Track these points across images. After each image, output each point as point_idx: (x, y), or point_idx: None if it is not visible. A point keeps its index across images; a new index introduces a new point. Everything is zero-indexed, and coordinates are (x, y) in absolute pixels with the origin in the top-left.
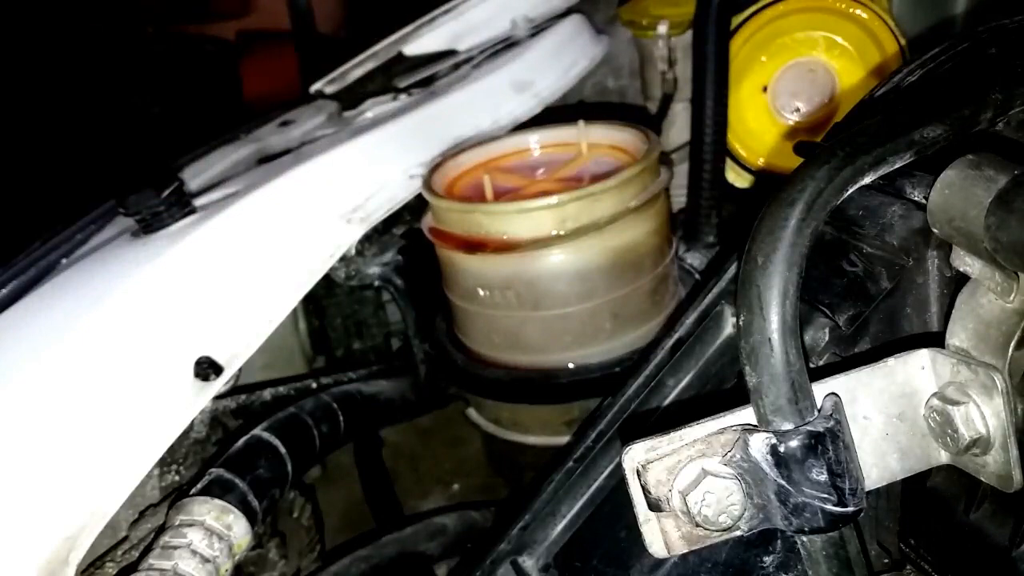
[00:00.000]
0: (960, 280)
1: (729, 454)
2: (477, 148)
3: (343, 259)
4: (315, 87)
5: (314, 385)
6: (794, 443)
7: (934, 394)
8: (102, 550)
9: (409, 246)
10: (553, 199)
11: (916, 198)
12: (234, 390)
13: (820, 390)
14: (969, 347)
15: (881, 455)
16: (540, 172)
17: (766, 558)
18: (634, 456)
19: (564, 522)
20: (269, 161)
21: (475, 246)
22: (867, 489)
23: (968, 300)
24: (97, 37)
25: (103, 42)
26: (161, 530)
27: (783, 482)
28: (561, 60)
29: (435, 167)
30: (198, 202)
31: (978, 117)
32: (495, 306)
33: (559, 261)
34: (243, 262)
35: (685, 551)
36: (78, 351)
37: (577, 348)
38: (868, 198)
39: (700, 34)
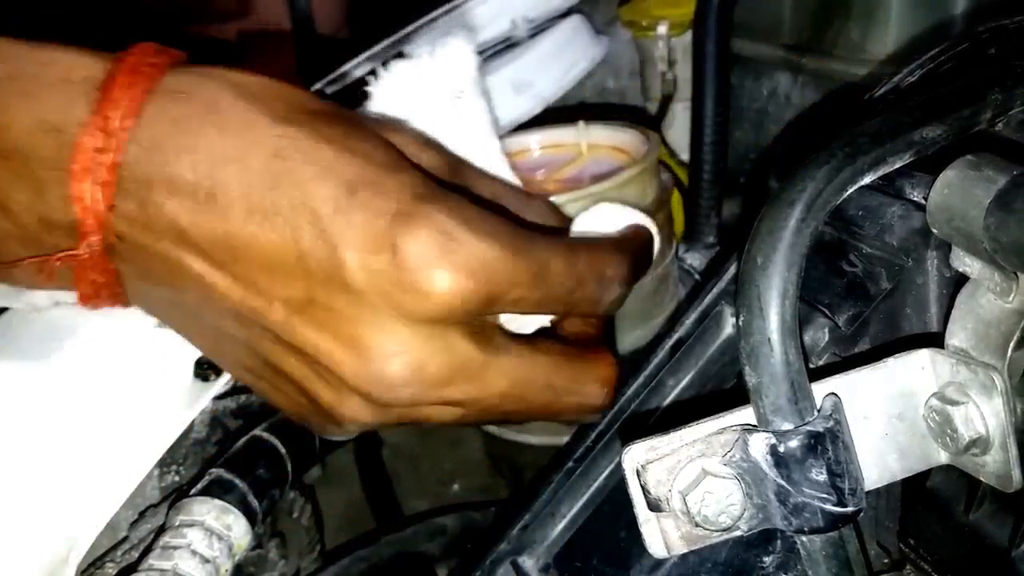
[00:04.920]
0: (960, 280)
1: (729, 454)
2: None
3: None
4: (315, 87)
5: None
6: (794, 443)
7: (934, 394)
8: (102, 550)
9: None
10: (554, 200)
11: (916, 198)
12: (234, 390)
13: (820, 390)
14: (969, 347)
15: (881, 455)
16: (540, 172)
17: (766, 558)
18: (634, 456)
19: (564, 522)
20: None
21: None
22: (867, 489)
23: (968, 300)
24: (97, 38)
25: (103, 43)
26: (161, 530)
27: (783, 482)
28: (561, 60)
29: None
30: None
31: (978, 117)
32: None
33: None
34: None
35: (685, 551)
36: (80, 351)
37: None
38: (868, 198)
39: (700, 34)
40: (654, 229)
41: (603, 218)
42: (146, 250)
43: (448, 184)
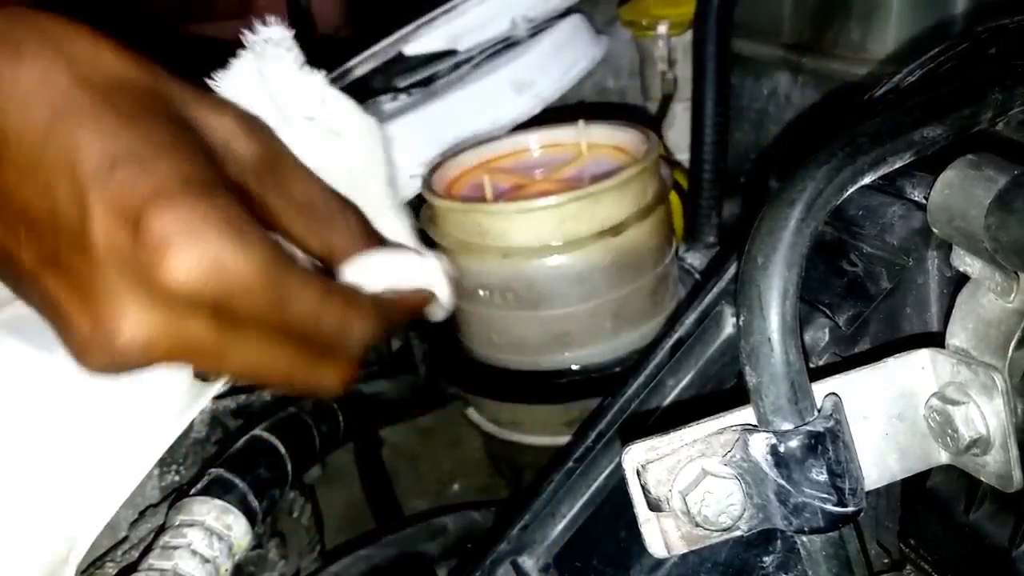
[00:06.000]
0: (960, 280)
1: (729, 454)
2: (477, 148)
3: None
4: None
5: None
6: (794, 443)
7: (934, 394)
8: (102, 550)
9: None
10: (554, 199)
11: (916, 198)
12: (234, 390)
13: (820, 390)
14: (969, 347)
15: (881, 455)
16: (540, 172)
17: (766, 558)
18: (634, 456)
19: (564, 522)
20: None
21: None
22: (867, 489)
23: (968, 300)
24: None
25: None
26: (161, 530)
27: (783, 482)
28: (561, 60)
29: (435, 167)
30: None
31: (978, 117)
32: (495, 306)
33: (559, 262)
34: None
35: (685, 551)
36: None
37: (577, 348)
38: (868, 198)
39: (700, 34)
40: (442, 289)
41: (390, 267)
42: None
43: (257, 177)
